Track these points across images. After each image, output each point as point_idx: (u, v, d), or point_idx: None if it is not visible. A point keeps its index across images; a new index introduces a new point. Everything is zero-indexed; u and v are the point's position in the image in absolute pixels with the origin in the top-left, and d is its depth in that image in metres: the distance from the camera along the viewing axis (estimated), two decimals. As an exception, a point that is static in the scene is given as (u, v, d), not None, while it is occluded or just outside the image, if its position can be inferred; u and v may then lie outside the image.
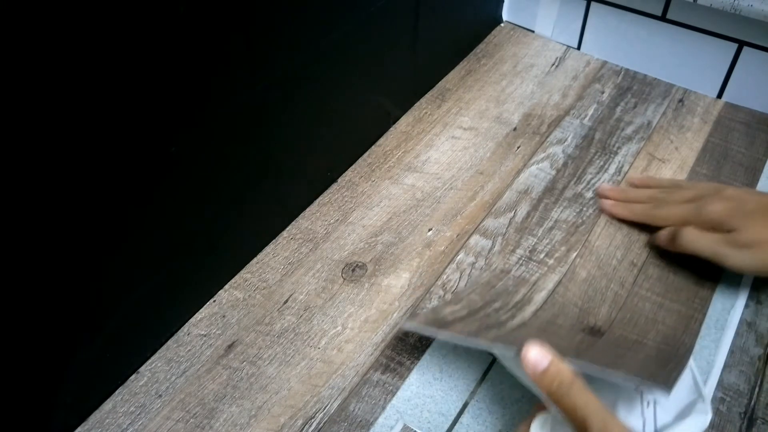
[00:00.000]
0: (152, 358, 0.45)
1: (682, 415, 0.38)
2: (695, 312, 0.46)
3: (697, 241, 0.45)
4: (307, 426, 0.41)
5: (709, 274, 0.48)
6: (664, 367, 0.38)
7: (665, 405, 0.39)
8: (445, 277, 0.49)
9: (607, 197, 0.54)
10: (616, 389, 0.38)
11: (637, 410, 0.38)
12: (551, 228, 0.52)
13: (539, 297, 0.47)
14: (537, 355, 0.35)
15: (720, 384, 0.43)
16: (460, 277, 0.49)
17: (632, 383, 0.35)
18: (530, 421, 0.37)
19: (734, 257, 0.43)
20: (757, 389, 0.42)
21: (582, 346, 0.41)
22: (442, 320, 0.43)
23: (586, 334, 0.43)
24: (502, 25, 0.76)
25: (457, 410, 0.42)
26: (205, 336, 0.46)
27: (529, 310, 0.45)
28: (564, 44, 0.72)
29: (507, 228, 0.53)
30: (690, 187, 0.50)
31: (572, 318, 0.45)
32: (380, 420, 0.41)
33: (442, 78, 0.68)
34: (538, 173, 0.58)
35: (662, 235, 0.48)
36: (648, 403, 0.39)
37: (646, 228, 0.52)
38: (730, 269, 0.44)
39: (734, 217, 0.44)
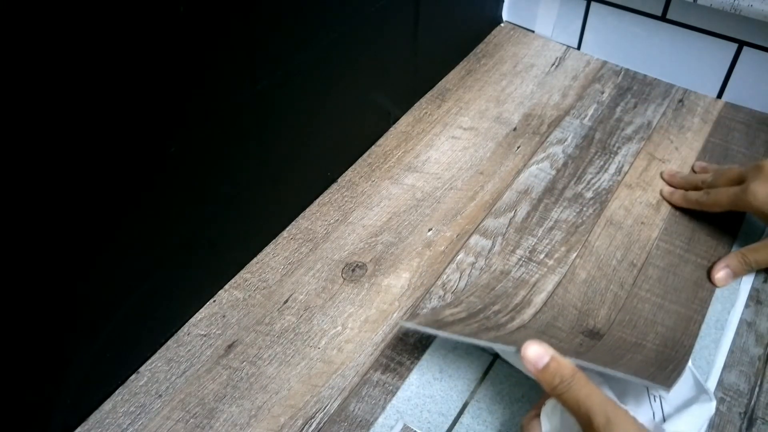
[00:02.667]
0: (152, 358, 0.45)
1: (687, 404, 0.39)
2: (695, 313, 0.46)
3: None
4: (307, 426, 0.41)
5: (709, 273, 0.48)
6: (663, 370, 0.38)
7: (668, 400, 0.39)
8: (445, 277, 0.49)
9: (668, 184, 0.57)
10: (623, 382, 0.38)
11: (646, 402, 0.38)
12: (551, 228, 0.52)
13: (538, 299, 0.47)
14: (537, 352, 0.35)
15: (720, 384, 0.43)
16: (460, 277, 0.49)
17: (632, 380, 0.35)
18: (540, 406, 0.37)
19: None
20: (757, 389, 0.42)
21: (581, 349, 0.41)
22: (442, 321, 0.43)
23: (585, 336, 0.43)
24: (502, 25, 0.76)
25: (457, 410, 0.42)
26: (205, 336, 0.46)
27: (529, 312, 0.45)
28: (564, 44, 0.72)
29: (507, 228, 0.53)
30: (734, 169, 0.52)
31: (571, 320, 0.45)
32: (380, 420, 0.41)
33: (442, 78, 0.68)
34: (538, 173, 0.58)
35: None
36: (654, 397, 0.39)
37: (646, 227, 0.52)
38: None
39: None
